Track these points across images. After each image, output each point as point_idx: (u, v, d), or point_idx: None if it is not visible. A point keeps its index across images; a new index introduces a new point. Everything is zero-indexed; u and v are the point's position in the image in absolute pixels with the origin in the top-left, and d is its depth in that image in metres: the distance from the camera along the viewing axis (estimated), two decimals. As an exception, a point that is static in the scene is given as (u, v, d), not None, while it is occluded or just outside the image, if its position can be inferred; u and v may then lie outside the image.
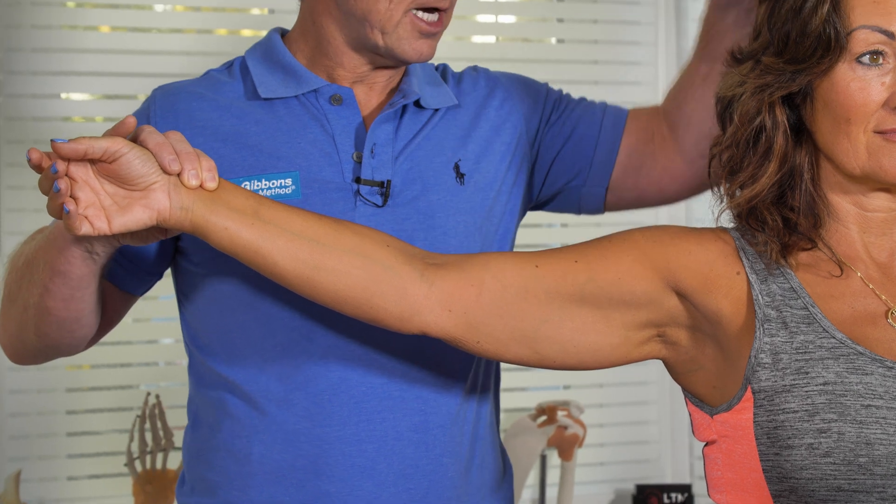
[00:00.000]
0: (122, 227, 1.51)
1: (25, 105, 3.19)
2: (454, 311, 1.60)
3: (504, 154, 1.90)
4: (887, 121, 1.54)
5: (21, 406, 3.19)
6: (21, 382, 3.17)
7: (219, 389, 1.82)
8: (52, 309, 1.69)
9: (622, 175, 1.97)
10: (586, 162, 1.96)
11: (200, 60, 3.07)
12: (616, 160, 1.96)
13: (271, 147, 1.80)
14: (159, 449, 3.04)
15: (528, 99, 1.96)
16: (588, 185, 1.96)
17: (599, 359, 1.64)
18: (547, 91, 1.99)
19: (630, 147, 1.96)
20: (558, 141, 1.95)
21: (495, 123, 1.91)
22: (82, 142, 1.47)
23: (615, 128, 1.97)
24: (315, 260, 1.57)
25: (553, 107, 1.97)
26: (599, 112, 1.98)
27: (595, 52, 3.67)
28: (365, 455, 1.76)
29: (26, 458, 3.18)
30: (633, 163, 1.96)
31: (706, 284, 1.60)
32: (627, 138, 1.96)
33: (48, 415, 3.21)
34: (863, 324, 1.56)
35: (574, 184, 1.97)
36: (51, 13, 3.22)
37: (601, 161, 1.96)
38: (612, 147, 1.96)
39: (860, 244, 1.62)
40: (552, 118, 1.96)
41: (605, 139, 1.96)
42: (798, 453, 1.48)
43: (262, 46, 1.89)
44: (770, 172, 1.61)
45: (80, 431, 3.26)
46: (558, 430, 3.32)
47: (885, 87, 1.54)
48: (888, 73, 1.54)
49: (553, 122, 1.96)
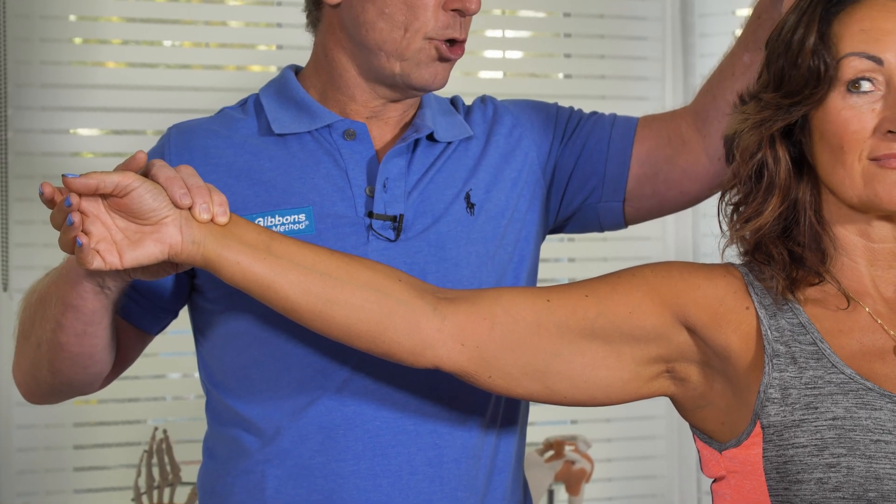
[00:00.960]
0: (134, 262, 1.51)
1: (34, 140, 3.20)
2: (467, 345, 1.60)
3: (515, 181, 1.90)
4: (880, 147, 1.53)
5: (29, 441, 3.19)
6: (29, 417, 3.18)
7: (234, 427, 1.82)
8: (64, 344, 1.69)
9: (638, 185, 1.94)
10: (599, 178, 1.94)
11: (209, 96, 3.09)
12: (629, 172, 1.93)
13: (285, 183, 1.81)
14: (167, 484, 3.04)
15: (537, 122, 1.95)
16: (604, 200, 1.94)
17: (610, 394, 1.64)
18: (557, 110, 1.99)
19: (642, 156, 1.94)
20: (571, 159, 1.94)
21: (504, 151, 1.91)
22: (93, 176, 1.47)
23: (624, 139, 1.94)
24: (328, 294, 1.57)
25: (566, 125, 1.96)
26: (608, 125, 1.96)
27: (602, 87, 3.69)
28: (380, 490, 1.76)
29: (34, 492, 3.18)
30: (647, 171, 1.94)
31: (715, 319, 1.60)
32: (639, 147, 1.94)
33: (56, 450, 3.22)
34: (871, 359, 1.56)
35: (590, 201, 1.95)
36: (59, 49, 3.24)
37: (613, 174, 1.93)
38: (623, 159, 1.93)
39: (868, 278, 1.62)
40: (564, 139, 1.95)
41: (615, 152, 1.93)
42: (808, 488, 1.48)
43: (276, 83, 1.90)
44: (773, 206, 1.61)
45: (87, 466, 3.27)
46: (566, 464, 3.32)
47: (876, 113, 1.54)
48: (879, 100, 1.55)
49: (566, 139, 1.95)
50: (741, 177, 1.63)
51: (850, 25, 1.57)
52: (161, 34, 3.34)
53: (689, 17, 3.71)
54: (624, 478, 3.71)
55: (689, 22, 3.71)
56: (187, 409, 3.35)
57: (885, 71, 1.55)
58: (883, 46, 1.55)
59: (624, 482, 3.71)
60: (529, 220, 1.90)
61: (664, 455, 3.72)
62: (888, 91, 1.55)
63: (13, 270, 3.17)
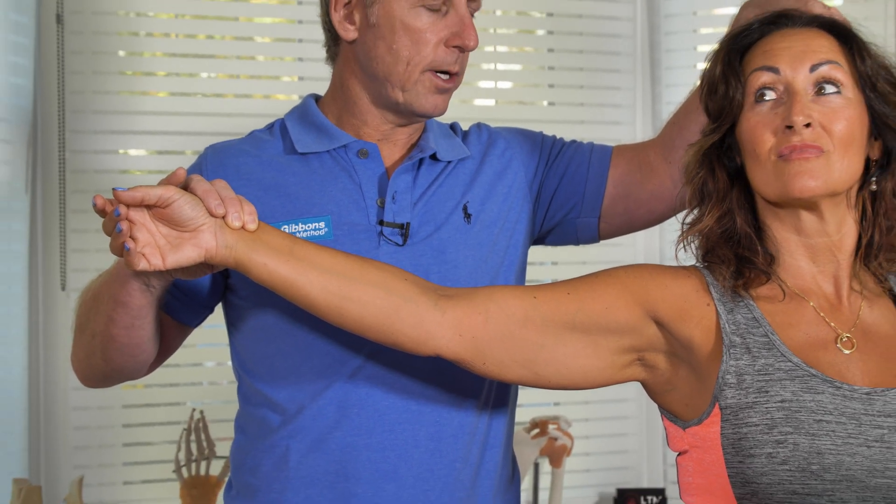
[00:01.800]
0: (175, 264, 1.51)
1: (88, 160, 3.21)
2: (464, 336, 1.60)
3: (506, 195, 1.90)
4: (782, 143, 1.55)
5: (83, 421, 3.19)
6: (83, 400, 3.18)
7: (262, 407, 1.82)
8: (115, 336, 1.70)
9: (612, 204, 1.95)
10: (579, 196, 1.94)
11: (239, 120, 3.08)
12: (605, 191, 1.94)
13: (307, 195, 1.81)
14: (203, 458, 3.04)
15: (526, 146, 1.96)
16: (583, 216, 1.95)
17: (589, 380, 1.63)
18: (542, 138, 1.99)
19: (617, 178, 1.94)
20: (555, 179, 1.94)
21: (497, 169, 1.91)
22: (139, 190, 1.48)
23: (601, 163, 1.95)
24: (343, 291, 1.57)
25: (550, 150, 1.96)
26: (587, 151, 1.97)
27: (581, 113, 3.69)
28: (388, 461, 1.76)
29: (88, 465, 3.18)
30: (620, 192, 1.94)
31: (680, 314, 1.60)
32: (614, 171, 1.95)
33: (107, 428, 3.22)
34: (815, 349, 1.57)
35: (570, 216, 1.95)
36: (110, 80, 3.24)
37: (591, 194, 1.94)
38: (601, 181, 1.94)
39: (810, 275, 1.62)
40: (549, 162, 1.95)
41: (594, 174, 1.94)
42: (759, 461, 1.48)
43: (299, 109, 1.90)
44: (711, 213, 1.62)
45: (134, 442, 3.26)
46: (549, 441, 3.32)
47: (779, 115, 1.56)
48: (781, 105, 1.57)
49: (549, 164, 1.95)
50: (691, 193, 1.65)
51: (755, 53, 1.62)
52: (198, 67, 3.34)
53: (656, 53, 3.71)
54: (600, 452, 3.71)
55: (657, 57, 3.71)
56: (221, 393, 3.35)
57: (783, 79, 1.58)
58: (778, 59, 1.59)
59: (600, 456, 3.71)
60: (518, 229, 1.90)
61: (635, 432, 3.72)
62: (787, 96, 1.57)
63: (70, 273, 3.17)
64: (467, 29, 1.79)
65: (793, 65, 1.58)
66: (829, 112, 1.56)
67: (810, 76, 1.57)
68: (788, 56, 1.59)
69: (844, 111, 1.56)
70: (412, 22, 1.77)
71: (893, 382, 1.54)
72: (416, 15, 1.77)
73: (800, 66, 1.58)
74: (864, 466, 1.47)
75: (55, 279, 3.17)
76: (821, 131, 1.55)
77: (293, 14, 3.41)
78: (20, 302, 3.08)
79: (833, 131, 1.55)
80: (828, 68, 1.57)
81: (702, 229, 1.63)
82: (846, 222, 1.61)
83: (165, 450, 3.24)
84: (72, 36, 3.18)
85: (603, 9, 3.68)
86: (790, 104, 1.56)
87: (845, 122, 1.56)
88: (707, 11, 3.69)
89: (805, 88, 1.57)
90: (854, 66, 1.59)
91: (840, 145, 1.55)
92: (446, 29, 1.78)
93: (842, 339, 1.58)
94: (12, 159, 3.04)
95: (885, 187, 1.61)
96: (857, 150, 1.58)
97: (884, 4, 3.40)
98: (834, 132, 1.55)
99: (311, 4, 3.34)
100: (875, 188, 1.62)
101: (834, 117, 1.55)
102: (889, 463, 1.47)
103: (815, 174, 1.54)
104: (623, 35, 3.70)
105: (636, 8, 3.70)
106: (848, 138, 1.56)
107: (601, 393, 3.57)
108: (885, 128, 1.60)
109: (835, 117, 1.55)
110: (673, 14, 3.68)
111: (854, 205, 1.61)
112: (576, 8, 3.66)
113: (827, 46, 1.60)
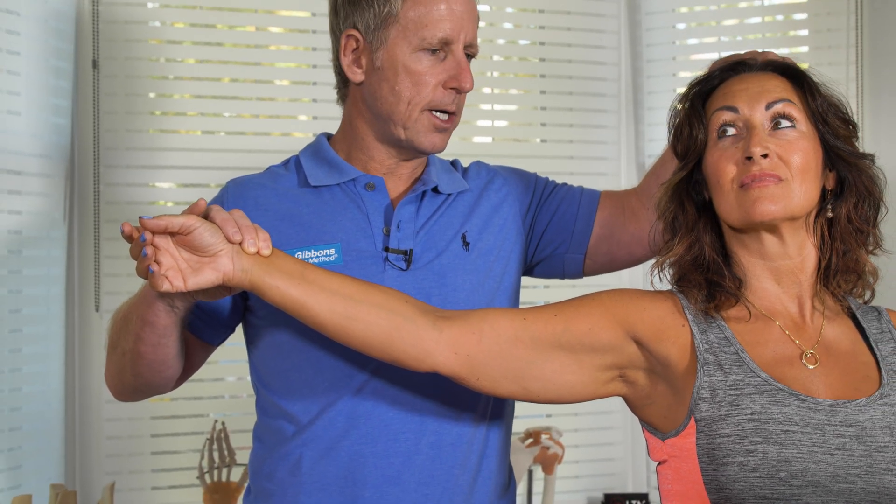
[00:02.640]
0: (195, 286, 1.52)
1: (121, 192, 3.21)
2: (459, 354, 1.60)
3: (501, 227, 1.90)
4: (743, 173, 1.57)
5: (115, 431, 3.19)
6: (115, 412, 3.17)
7: (278, 418, 1.82)
8: (143, 353, 1.70)
9: (597, 243, 1.96)
10: (568, 233, 1.95)
11: (259, 156, 3.09)
12: (592, 231, 1.95)
13: (319, 224, 1.81)
14: (224, 465, 3.03)
15: (520, 185, 1.97)
16: (570, 252, 1.96)
17: (574, 394, 1.64)
18: (536, 179, 2.00)
19: (603, 220, 1.96)
20: (546, 217, 1.95)
21: (494, 203, 1.92)
22: (164, 218, 1.49)
23: (590, 205, 1.96)
24: (348, 312, 1.57)
25: (542, 191, 1.97)
26: (578, 194, 1.98)
27: (570, 149, 3.69)
28: (392, 467, 1.76)
29: (119, 472, 3.17)
30: (605, 233, 1.95)
31: (658, 335, 1.60)
32: (601, 213, 1.96)
33: (137, 438, 3.21)
34: (782, 365, 1.57)
35: (559, 251, 1.96)
36: (141, 120, 3.24)
37: (580, 231, 1.95)
38: (589, 220, 1.95)
39: (775, 297, 1.62)
40: (541, 200, 1.96)
41: (583, 214, 1.95)
42: (731, 469, 1.48)
43: (313, 146, 1.91)
44: (681, 243, 1.64)
45: (161, 451, 3.25)
46: (542, 449, 3.30)
47: (739, 148, 1.58)
48: (741, 140, 1.59)
49: (542, 202, 1.96)
50: (664, 227, 1.67)
51: (716, 96, 1.64)
52: (222, 108, 3.34)
53: (639, 94, 3.72)
54: (588, 460, 3.70)
55: (639, 98, 3.72)
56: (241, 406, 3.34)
57: (741, 116, 1.60)
58: (737, 99, 1.61)
59: (588, 464, 3.70)
60: (512, 258, 1.91)
61: (620, 442, 3.71)
62: (746, 131, 1.59)
63: (104, 295, 3.17)
64: (464, 72, 1.80)
65: (750, 104, 1.60)
66: (786, 143, 1.58)
67: (766, 113, 1.59)
68: (746, 96, 1.61)
69: (799, 143, 1.58)
70: (413, 65, 1.78)
71: (853, 395, 1.55)
72: (417, 59, 1.78)
73: (756, 104, 1.60)
74: (827, 473, 1.47)
75: (90, 301, 3.17)
76: (778, 161, 1.56)
77: (308, 60, 3.41)
78: (58, 322, 3.08)
79: (790, 161, 1.57)
80: (782, 105, 1.60)
81: (672, 256, 1.64)
82: (806, 246, 1.62)
83: (190, 458, 3.24)
84: (106, 79, 3.19)
85: (591, 54, 3.69)
86: (749, 138, 1.58)
87: (801, 153, 1.58)
88: (685, 57, 3.71)
89: (762, 123, 1.59)
90: (806, 104, 1.62)
91: (797, 173, 1.57)
92: (444, 72, 1.79)
93: (806, 356, 1.58)
94: (52, 192, 3.06)
95: (839, 214, 1.63)
96: (814, 178, 1.59)
97: (846, 52, 3.42)
98: (791, 162, 1.57)
99: (325, 51, 3.35)
100: (831, 215, 1.63)
101: (790, 148, 1.57)
102: (850, 469, 1.48)
103: (775, 199, 1.55)
104: (609, 78, 3.71)
105: (621, 53, 3.71)
106: (804, 167, 1.57)
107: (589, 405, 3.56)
108: (837, 159, 1.62)
109: (791, 148, 1.57)
110: (654, 59, 3.70)
111: (812, 231, 1.62)
112: (566, 53, 3.67)
113: (781, 87, 1.62)
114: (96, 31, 3.18)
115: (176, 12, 3.30)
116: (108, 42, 3.19)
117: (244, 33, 3.39)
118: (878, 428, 1.51)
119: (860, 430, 1.50)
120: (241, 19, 3.38)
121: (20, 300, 2.98)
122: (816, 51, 3.51)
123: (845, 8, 3.45)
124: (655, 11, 3.69)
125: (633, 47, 3.72)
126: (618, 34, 3.71)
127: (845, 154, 1.61)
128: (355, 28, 1.82)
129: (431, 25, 1.77)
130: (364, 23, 1.81)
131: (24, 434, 2.95)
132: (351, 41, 1.83)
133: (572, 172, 3.63)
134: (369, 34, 1.80)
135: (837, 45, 3.44)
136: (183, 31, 3.31)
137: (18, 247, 2.96)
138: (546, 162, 3.61)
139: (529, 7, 3.67)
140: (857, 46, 3.41)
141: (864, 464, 1.48)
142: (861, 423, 1.51)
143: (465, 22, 1.80)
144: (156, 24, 3.28)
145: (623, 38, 3.71)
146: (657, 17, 3.69)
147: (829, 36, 3.47)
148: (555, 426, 3.39)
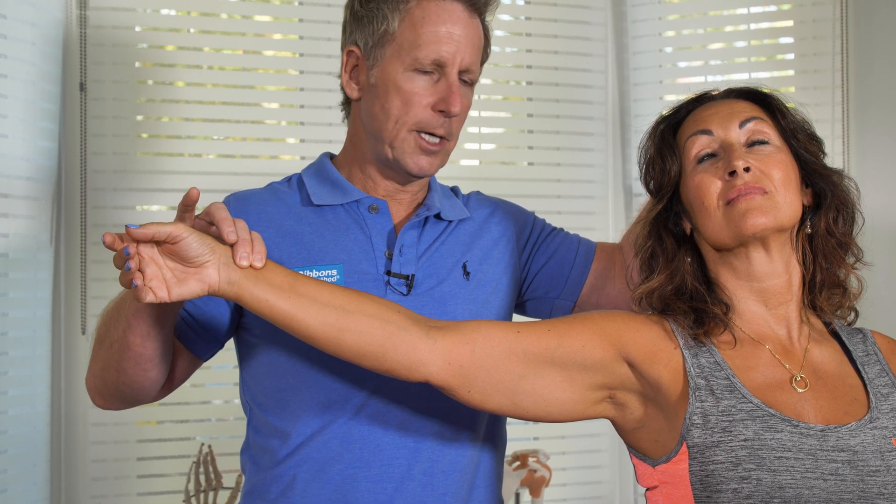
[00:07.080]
0: (179, 297, 1.49)
1: (108, 214, 3.20)
2: (452, 364, 1.58)
3: (499, 259, 1.90)
4: (728, 189, 1.58)
5: (101, 454, 3.17)
6: (101, 435, 3.15)
7: (272, 438, 1.79)
8: (131, 344, 1.66)
9: (588, 293, 1.96)
10: (563, 279, 1.95)
11: (247, 179, 3.08)
12: (586, 281, 1.95)
13: (321, 244, 1.80)
14: (211, 488, 3.01)
15: (519, 222, 1.97)
16: (561, 298, 1.95)
17: (563, 412, 1.62)
18: (534, 220, 2.00)
19: (597, 271, 1.96)
20: (542, 260, 1.95)
21: (495, 236, 1.92)
22: (151, 227, 1.46)
23: (587, 255, 1.96)
24: (340, 323, 1.55)
25: (539, 232, 1.98)
26: (576, 242, 1.98)
27: (557, 172, 3.69)
28: (385, 491, 1.75)
29: (105, 495, 3.15)
30: (598, 284, 1.96)
31: (650, 356, 1.59)
32: (596, 264, 1.96)
33: (123, 461, 3.19)
34: (773, 390, 1.57)
35: (550, 295, 1.96)
36: (128, 143, 3.23)
37: (574, 279, 1.95)
38: (584, 270, 1.95)
39: (763, 320, 1.62)
40: (538, 241, 1.96)
41: (579, 263, 1.95)
42: (725, 496, 1.47)
43: (315, 166, 1.90)
44: (660, 273, 1.65)
45: (147, 474, 3.23)
46: (529, 472, 3.29)
47: (720, 167, 1.60)
48: (720, 161, 1.60)
49: (538, 243, 1.96)
50: (642, 262, 1.68)
51: (686, 126, 1.67)
52: (210, 131, 3.34)
53: (626, 117, 3.73)
54: (576, 483, 3.68)
55: (626, 121, 3.73)
56: (228, 429, 3.32)
57: (717, 138, 1.63)
58: (709, 123, 1.64)
59: (576, 486, 3.68)
60: (510, 292, 1.91)
61: (608, 465, 3.70)
62: (723, 151, 1.61)
63: (90, 318, 3.15)
64: (453, 96, 1.79)
65: (723, 125, 1.63)
66: (764, 158, 1.60)
67: (741, 131, 1.62)
68: (718, 118, 1.64)
69: (776, 156, 1.61)
70: (404, 84, 1.77)
71: (843, 419, 1.55)
72: (409, 78, 1.78)
73: (729, 124, 1.63)
74: (821, 498, 1.47)
75: (76, 324, 3.15)
76: (760, 174, 1.58)
77: (295, 83, 3.41)
78: (44, 344, 3.06)
79: (771, 175, 1.59)
80: (754, 123, 1.63)
81: (651, 287, 1.65)
82: (792, 262, 1.63)
83: (176, 481, 3.22)
84: (94, 102, 3.18)
85: (578, 77, 3.70)
86: (728, 155, 1.60)
87: (780, 166, 1.60)
88: (671, 80, 3.72)
89: (738, 141, 1.62)
90: (776, 122, 1.65)
91: (780, 185, 1.59)
92: (435, 95, 1.79)
93: (796, 380, 1.58)
94: (39, 215, 3.04)
95: (819, 228, 1.65)
96: (795, 191, 1.61)
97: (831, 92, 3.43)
98: (772, 175, 1.59)
99: (313, 74, 3.36)
100: (810, 231, 1.65)
101: (769, 162, 1.60)
102: (844, 494, 1.47)
103: (764, 210, 1.57)
104: (596, 101, 3.71)
105: (607, 77, 3.72)
106: (786, 179, 1.60)
107: (576, 428, 3.55)
108: (812, 172, 1.65)
109: (770, 162, 1.60)
110: (641, 83, 3.70)
111: (795, 247, 1.64)
112: (553, 77, 3.68)
113: (749, 108, 1.66)
114: (84, 54, 3.17)
115: (164, 35, 3.29)
116: (95, 65, 3.18)
117: (232, 56, 3.38)
118: (870, 452, 1.51)
119: (852, 455, 1.50)
120: (229, 42, 3.37)
121: (6, 323, 2.96)
122: (802, 74, 3.52)
123: (830, 32, 3.47)
124: (642, 35, 3.70)
125: (620, 70, 3.73)
126: (605, 57, 3.72)
127: (819, 167, 1.64)
128: (356, 45, 1.82)
129: (425, 46, 1.77)
130: (364, 40, 1.81)
131: (9, 457, 2.93)
132: (352, 58, 1.84)
133: (559, 195, 3.63)
134: (367, 51, 1.81)
135: (823, 86, 3.46)
136: (171, 54, 3.31)
137: (5, 269, 2.94)
138: (534, 185, 3.61)
139: (516, 30, 3.68)
140: (842, 87, 3.43)
141: (857, 488, 1.48)
142: (852, 447, 1.51)
143: (462, 46, 1.79)
144: (143, 46, 3.27)
145: (610, 61, 3.72)
146: (644, 41, 3.70)
147: (815, 60, 3.49)
148: (542, 449, 3.37)
